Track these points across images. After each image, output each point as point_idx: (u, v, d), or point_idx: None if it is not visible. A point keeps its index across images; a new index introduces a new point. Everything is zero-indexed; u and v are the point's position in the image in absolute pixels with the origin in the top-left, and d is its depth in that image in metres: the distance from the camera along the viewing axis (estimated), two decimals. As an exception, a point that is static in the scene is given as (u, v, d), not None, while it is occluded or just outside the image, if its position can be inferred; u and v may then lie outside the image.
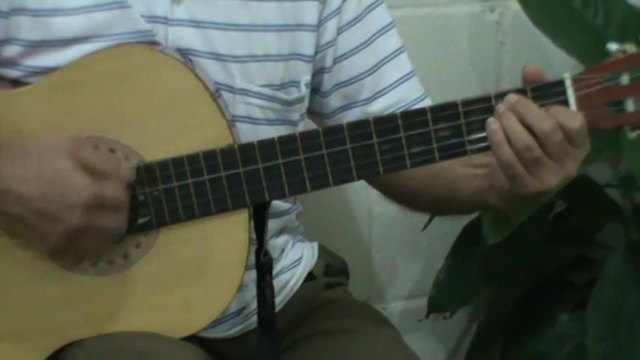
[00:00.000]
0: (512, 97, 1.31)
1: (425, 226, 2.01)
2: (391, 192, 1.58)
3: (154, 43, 1.38)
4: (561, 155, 1.30)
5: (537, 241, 2.06)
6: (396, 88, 1.54)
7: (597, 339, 1.89)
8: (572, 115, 1.30)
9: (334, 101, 1.54)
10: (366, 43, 1.52)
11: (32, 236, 1.32)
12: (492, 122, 1.31)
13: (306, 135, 1.35)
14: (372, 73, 1.53)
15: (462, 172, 1.44)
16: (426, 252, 2.15)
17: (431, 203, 1.54)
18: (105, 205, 1.30)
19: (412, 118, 1.33)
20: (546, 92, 1.31)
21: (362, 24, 1.52)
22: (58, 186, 1.28)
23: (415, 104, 1.54)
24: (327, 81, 1.53)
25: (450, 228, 2.05)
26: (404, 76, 1.55)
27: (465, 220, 2.00)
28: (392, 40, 1.54)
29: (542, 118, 1.29)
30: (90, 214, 1.29)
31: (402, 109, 1.52)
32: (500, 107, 1.31)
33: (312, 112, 1.57)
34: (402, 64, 1.55)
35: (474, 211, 1.69)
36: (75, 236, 1.30)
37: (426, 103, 1.55)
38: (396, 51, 1.54)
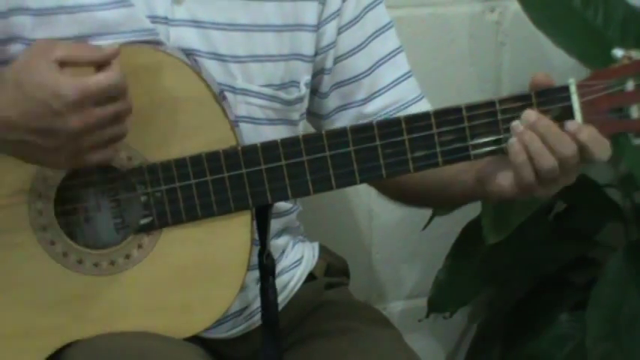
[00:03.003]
0: (531, 116, 1.30)
1: (425, 226, 2.01)
2: (389, 190, 1.58)
3: (157, 43, 1.38)
4: (572, 171, 1.32)
5: (537, 241, 2.06)
6: (393, 88, 1.54)
7: (597, 339, 1.89)
8: (604, 146, 1.31)
9: (332, 101, 1.54)
10: (364, 44, 1.52)
11: (44, 155, 1.28)
12: (516, 143, 1.31)
13: (310, 137, 1.35)
14: (370, 73, 1.53)
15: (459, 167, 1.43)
16: (426, 252, 2.15)
17: (427, 193, 1.53)
18: (96, 96, 1.26)
19: (416, 121, 1.33)
20: (551, 98, 1.31)
21: (360, 24, 1.52)
22: (40, 98, 1.24)
23: (411, 105, 1.54)
24: (327, 82, 1.53)
25: (450, 228, 2.05)
26: (401, 77, 1.54)
27: (465, 220, 2.00)
28: (390, 41, 1.54)
29: (565, 142, 1.29)
30: (83, 111, 1.25)
31: (398, 109, 1.52)
32: (518, 125, 1.31)
33: (309, 113, 1.57)
34: (400, 65, 1.55)
35: (472, 201, 1.65)
36: (81, 137, 1.26)
37: (423, 104, 1.55)
38: (393, 51, 1.54)
